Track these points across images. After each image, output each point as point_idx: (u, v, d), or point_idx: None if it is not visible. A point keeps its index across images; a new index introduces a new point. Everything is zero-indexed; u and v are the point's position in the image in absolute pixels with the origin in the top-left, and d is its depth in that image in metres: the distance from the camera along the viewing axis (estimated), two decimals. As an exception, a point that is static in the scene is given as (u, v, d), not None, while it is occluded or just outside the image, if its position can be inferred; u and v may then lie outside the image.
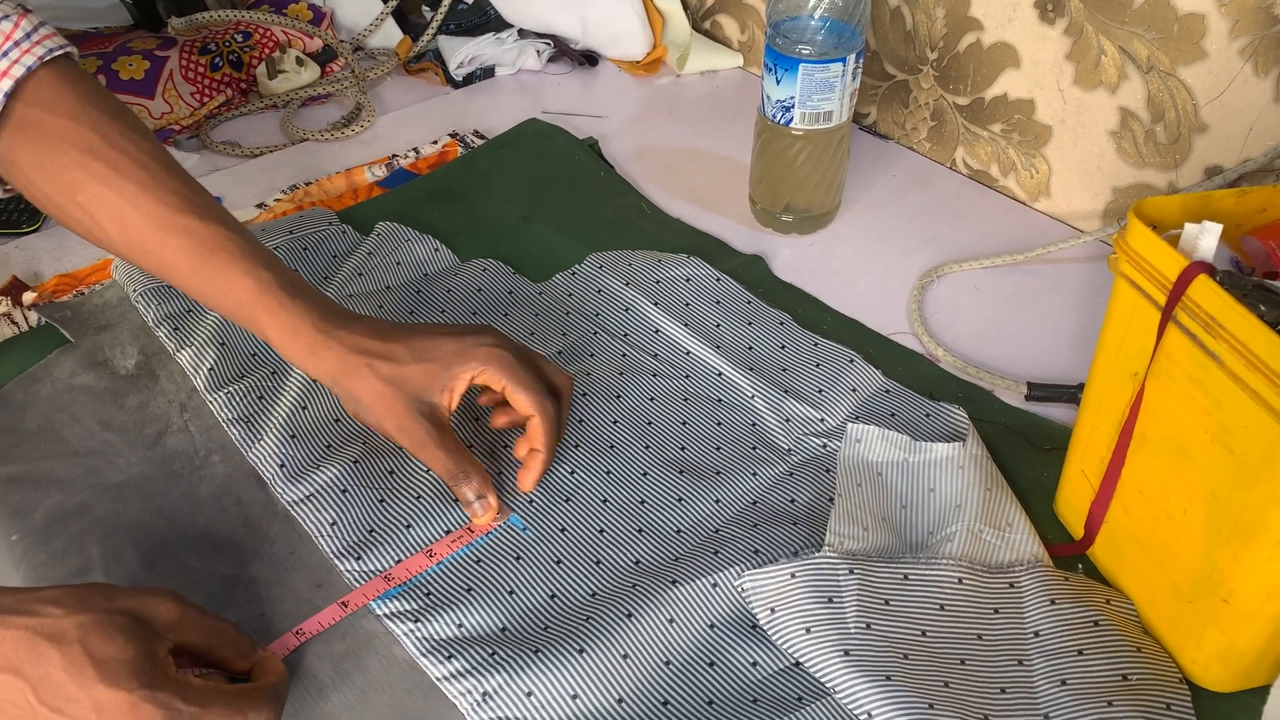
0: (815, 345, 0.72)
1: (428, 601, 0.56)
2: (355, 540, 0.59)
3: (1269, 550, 0.46)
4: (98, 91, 0.64)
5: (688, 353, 0.72)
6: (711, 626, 0.55)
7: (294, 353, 0.61)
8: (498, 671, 0.52)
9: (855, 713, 0.50)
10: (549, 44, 1.10)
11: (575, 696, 0.51)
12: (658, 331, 0.74)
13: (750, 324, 0.74)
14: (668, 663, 0.54)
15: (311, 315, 0.61)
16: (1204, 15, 0.71)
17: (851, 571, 0.55)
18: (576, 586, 0.57)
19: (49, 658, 0.44)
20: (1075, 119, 0.82)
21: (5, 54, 0.61)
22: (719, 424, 0.67)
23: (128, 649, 0.45)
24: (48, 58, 0.62)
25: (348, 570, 0.58)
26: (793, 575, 0.55)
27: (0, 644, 0.44)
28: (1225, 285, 0.46)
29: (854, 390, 0.68)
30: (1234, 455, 0.47)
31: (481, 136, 0.97)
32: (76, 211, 0.62)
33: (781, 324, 0.74)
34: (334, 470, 0.62)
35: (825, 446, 0.65)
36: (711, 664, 0.54)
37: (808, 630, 0.53)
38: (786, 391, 0.68)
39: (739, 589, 0.56)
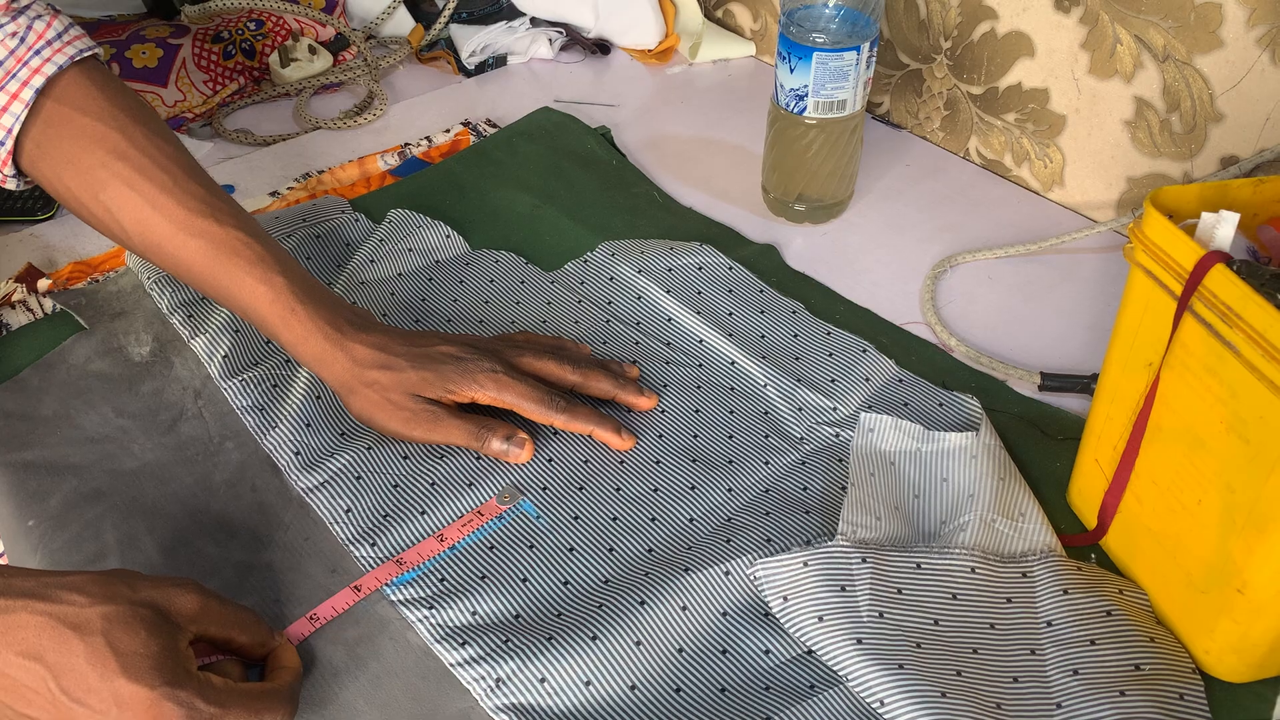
0: (828, 334, 0.72)
1: (442, 588, 0.56)
2: (369, 526, 0.59)
3: (1284, 540, 0.46)
4: (125, 94, 0.66)
5: (700, 341, 0.72)
6: (724, 614, 0.55)
7: (304, 360, 0.64)
8: (511, 658, 0.52)
9: (868, 701, 0.51)
10: (561, 32, 1.10)
11: (588, 683, 0.52)
12: (670, 320, 0.74)
13: (763, 313, 0.74)
14: (680, 650, 0.54)
15: (321, 324, 0.63)
16: (1220, 4, 0.70)
17: (864, 560, 0.55)
18: (589, 574, 0.58)
19: (72, 647, 0.44)
20: (1090, 108, 0.81)
21: (38, 52, 0.63)
22: (731, 412, 0.67)
23: (151, 643, 0.45)
24: (78, 57, 0.65)
25: (362, 556, 0.58)
26: (805, 564, 0.55)
27: (23, 629, 0.44)
28: (1242, 275, 0.46)
29: (867, 379, 0.68)
30: (1249, 445, 0.46)
31: (494, 125, 0.97)
32: (99, 210, 0.64)
33: (794, 313, 0.74)
34: (348, 457, 0.63)
35: (838, 435, 0.65)
36: (724, 651, 0.54)
37: (820, 619, 0.53)
38: (799, 380, 0.68)
39: (751, 577, 0.56)
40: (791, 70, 0.77)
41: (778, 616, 0.55)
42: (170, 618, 0.47)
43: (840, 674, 0.52)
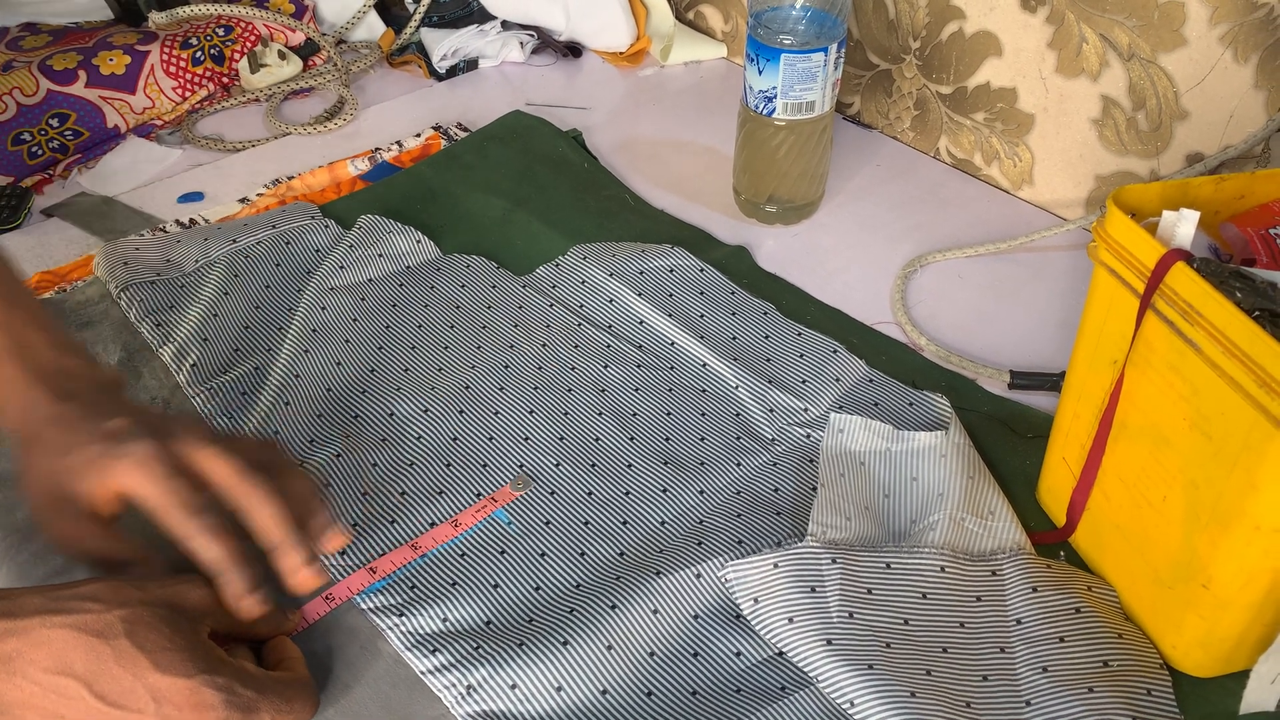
0: (799, 335, 0.72)
1: (412, 595, 0.56)
2: (339, 535, 0.59)
3: (1246, 536, 0.46)
4: None
5: (672, 343, 0.72)
6: (695, 617, 0.55)
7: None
8: (482, 664, 0.52)
9: (838, 702, 0.51)
10: (532, 35, 1.10)
11: (560, 688, 0.52)
12: (642, 323, 0.74)
13: (734, 314, 0.74)
14: (652, 654, 0.54)
15: (30, 382, 0.53)
16: (1184, 2, 0.71)
17: (834, 561, 0.56)
18: (561, 579, 0.57)
19: (100, 653, 0.44)
20: (1058, 107, 0.82)
21: None
22: (703, 415, 0.67)
23: (175, 638, 0.45)
24: None
25: (331, 566, 0.58)
26: (776, 565, 0.55)
27: (46, 645, 0.44)
28: (1202, 272, 0.47)
29: (837, 380, 0.68)
30: (1212, 442, 0.47)
31: (465, 129, 0.97)
32: None
33: (765, 314, 0.74)
34: (316, 464, 0.62)
35: (809, 436, 0.65)
36: (695, 654, 0.54)
37: (791, 620, 0.53)
38: (770, 381, 0.68)
39: (722, 579, 0.56)
40: (760, 72, 0.77)
41: (749, 618, 0.55)
42: (185, 613, 0.47)
43: (810, 675, 0.52)
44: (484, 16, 1.10)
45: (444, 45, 1.07)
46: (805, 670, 0.52)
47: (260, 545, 0.51)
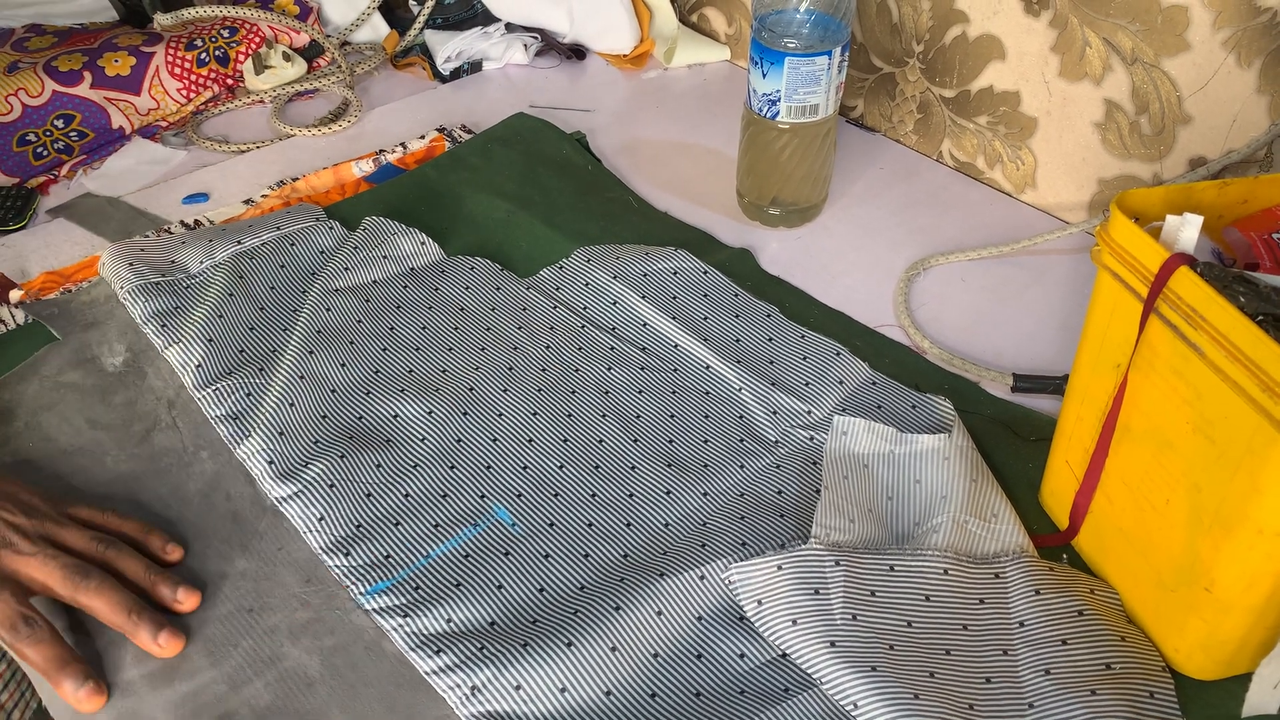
0: (802, 338, 0.72)
1: (416, 596, 0.56)
2: (343, 536, 0.59)
3: (1249, 540, 0.46)
4: None
5: (676, 346, 0.72)
6: (699, 619, 0.55)
7: None
8: (486, 665, 0.52)
9: (841, 703, 0.51)
10: (536, 38, 1.10)
11: (564, 690, 0.52)
12: (645, 325, 0.74)
13: (738, 317, 0.74)
14: (655, 655, 0.54)
15: None
16: (1187, 7, 0.71)
17: (838, 563, 0.56)
18: (565, 580, 0.58)
19: None
20: (1061, 111, 0.82)
21: None
22: (707, 417, 0.67)
23: None
24: None
25: (336, 566, 0.58)
26: (779, 567, 0.56)
27: None
28: (1206, 277, 0.47)
29: (841, 382, 0.69)
30: (1215, 446, 0.47)
31: (469, 131, 0.97)
32: None
33: (769, 317, 0.74)
34: (321, 466, 0.62)
35: (812, 439, 0.65)
36: (699, 656, 0.54)
37: (794, 622, 0.54)
38: (774, 384, 0.68)
39: (726, 581, 0.56)
40: (764, 75, 0.77)
41: (752, 620, 0.55)
42: None
43: (814, 677, 0.52)
44: (488, 19, 1.10)
45: (448, 47, 1.07)
46: (809, 672, 0.52)
47: (133, 580, 0.55)
